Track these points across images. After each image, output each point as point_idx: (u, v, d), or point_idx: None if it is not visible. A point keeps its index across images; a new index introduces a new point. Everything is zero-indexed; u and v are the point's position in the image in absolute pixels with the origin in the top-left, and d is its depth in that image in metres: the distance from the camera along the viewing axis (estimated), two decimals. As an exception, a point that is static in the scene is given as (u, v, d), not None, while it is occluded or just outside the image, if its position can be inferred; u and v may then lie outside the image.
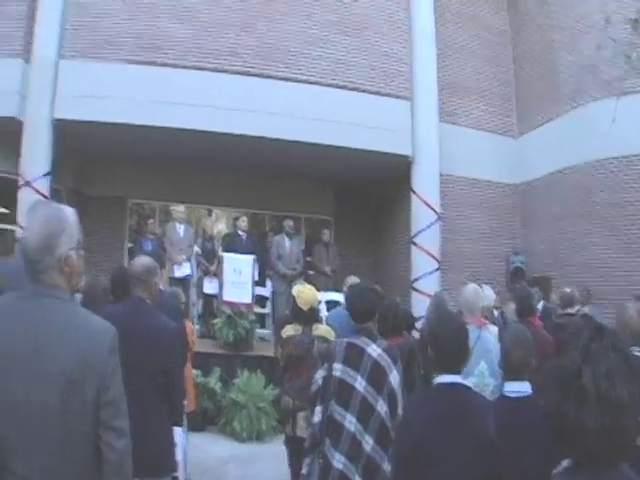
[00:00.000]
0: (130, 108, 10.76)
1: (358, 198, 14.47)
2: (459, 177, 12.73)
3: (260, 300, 11.74)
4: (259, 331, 10.76)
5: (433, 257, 11.74)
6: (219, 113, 10.88)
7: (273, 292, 11.67)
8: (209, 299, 11.23)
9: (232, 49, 11.38)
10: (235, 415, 8.38)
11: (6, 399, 2.17)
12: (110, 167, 13.60)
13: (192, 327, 7.31)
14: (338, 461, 3.84)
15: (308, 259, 12.31)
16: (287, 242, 11.57)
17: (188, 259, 11.00)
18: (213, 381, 8.67)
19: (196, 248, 11.27)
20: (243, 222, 11.71)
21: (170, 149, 12.23)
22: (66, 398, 2.16)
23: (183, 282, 10.38)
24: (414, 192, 12.04)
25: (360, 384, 3.87)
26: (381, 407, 3.83)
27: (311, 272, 12.25)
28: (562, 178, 11.77)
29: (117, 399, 2.29)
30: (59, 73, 10.96)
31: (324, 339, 5.31)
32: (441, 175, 12.20)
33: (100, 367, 2.23)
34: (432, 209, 11.89)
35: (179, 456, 4.83)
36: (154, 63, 11.16)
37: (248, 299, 10.11)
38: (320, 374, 4.11)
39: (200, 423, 8.26)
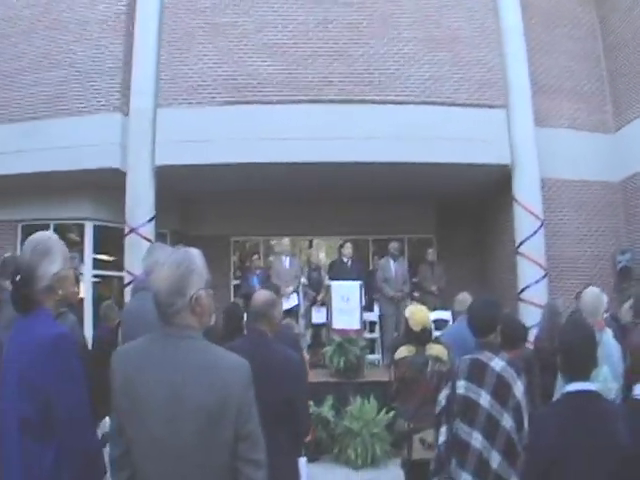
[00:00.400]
0: (229, 148, 11.09)
1: (459, 214, 14.27)
2: (558, 180, 12.33)
3: (368, 325, 11.69)
4: (369, 357, 10.59)
5: (539, 265, 11.40)
6: (316, 144, 11.04)
7: (380, 316, 11.59)
8: (317, 328, 11.23)
9: (325, 78, 11.56)
10: (350, 443, 8.26)
11: (146, 440, 2.24)
12: (212, 206, 14.02)
13: (306, 357, 7.33)
14: None
15: (414, 280, 12.18)
16: (392, 264, 11.50)
17: (295, 290, 11.09)
18: (326, 410, 8.59)
19: (303, 279, 11.34)
20: (348, 249, 11.67)
21: (270, 184, 12.52)
22: (205, 436, 2.21)
23: (290, 313, 10.43)
24: (516, 200, 11.76)
25: (485, 399, 3.75)
26: (506, 421, 3.69)
27: (417, 293, 12.10)
28: (664, 169, 11.20)
29: (254, 432, 2.32)
30: (157, 121, 11.48)
31: (438, 359, 5.24)
32: (541, 180, 11.90)
33: (238, 402, 2.26)
34: (535, 216, 11.59)
35: None
36: (249, 102, 11.48)
37: (357, 325, 10.04)
38: (444, 393, 4.03)
39: (314, 453, 8.16)
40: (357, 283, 10.41)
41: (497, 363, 3.83)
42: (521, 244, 11.60)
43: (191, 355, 2.29)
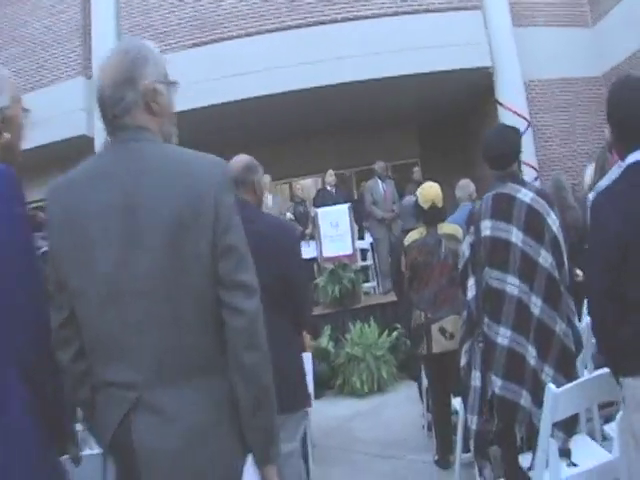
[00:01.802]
0: (200, 91, 10.42)
1: (443, 133, 13.88)
2: (541, 80, 12.10)
3: (360, 253, 11.14)
4: (364, 285, 10.14)
5: (531, 167, 11.04)
6: (290, 71, 10.59)
7: (372, 242, 11.13)
8: (309, 264, 10.49)
9: (292, 2, 11.14)
10: (353, 370, 7.87)
11: (97, 284, 1.68)
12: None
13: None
14: (503, 336, 3.25)
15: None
16: (380, 185, 10.97)
17: (281, 228, 10.60)
18: (325, 341, 8.20)
19: (288, 214, 10.86)
20: (331, 176, 11.25)
21: (243, 124, 11.98)
22: (174, 255, 1.67)
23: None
24: (500, 104, 11.47)
25: (517, 237, 3.24)
26: (544, 259, 3.21)
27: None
28: (646, 54, 10.93)
29: (238, 246, 1.77)
30: None
31: (451, 237, 4.75)
32: (523, 82, 11.63)
33: (215, 206, 1.72)
34: (521, 117, 11.22)
35: (311, 387, 4.26)
36: (215, 40, 11.13)
37: (349, 250, 9.55)
38: (467, 242, 3.52)
39: (316, 390, 7.62)
40: (345, 206, 9.94)
41: (525, 194, 3.32)
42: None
43: (150, 158, 1.76)
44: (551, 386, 2.64)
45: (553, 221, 3.27)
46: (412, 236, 4.94)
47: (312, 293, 3.45)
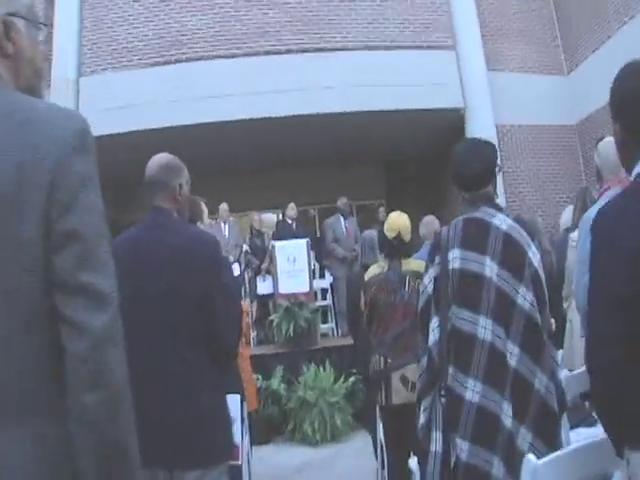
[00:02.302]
0: (160, 111, 10.34)
1: (411, 173, 13.71)
2: (513, 125, 11.97)
3: (320, 293, 10.86)
4: (322, 326, 9.74)
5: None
6: (254, 99, 10.36)
7: (332, 281, 10.70)
8: (263, 300, 10.24)
9: (260, 29, 10.92)
10: (305, 416, 7.36)
11: None
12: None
13: (247, 307, 6.36)
14: (472, 390, 2.69)
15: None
16: (342, 222, 10.71)
17: (236, 260, 10.10)
18: (276, 382, 7.66)
19: (245, 246, 10.51)
20: (292, 210, 10.90)
21: (204, 151, 11.51)
22: None
23: (231, 285, 9.44)
24: (471, 147, 11.23)
25: (491, 270, 2.72)
26: (523, 298, 2.69)
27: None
28: (621, 104, 10.90)
29: (88, 233, 1.24)
30: (81, 91, 10.76)
31: (417, 275, 4.16)
32: (495, 126, 11.41)
33: (54, 168, 1.21)
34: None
35: (237, 436, 3.58)
36: (179, 60, 10.86)
37: (306, 287, 9.03)
38: (430, 275, 2.97)
39: (265, 434, 7.25)
40: (303, 241, 9.45)
41: (502, 220, 2.82)
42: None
43: None
44: (530, 457, 2.08)
45: (534, 254, 2.77)
46: (372, 271, 4.49)
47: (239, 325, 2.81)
